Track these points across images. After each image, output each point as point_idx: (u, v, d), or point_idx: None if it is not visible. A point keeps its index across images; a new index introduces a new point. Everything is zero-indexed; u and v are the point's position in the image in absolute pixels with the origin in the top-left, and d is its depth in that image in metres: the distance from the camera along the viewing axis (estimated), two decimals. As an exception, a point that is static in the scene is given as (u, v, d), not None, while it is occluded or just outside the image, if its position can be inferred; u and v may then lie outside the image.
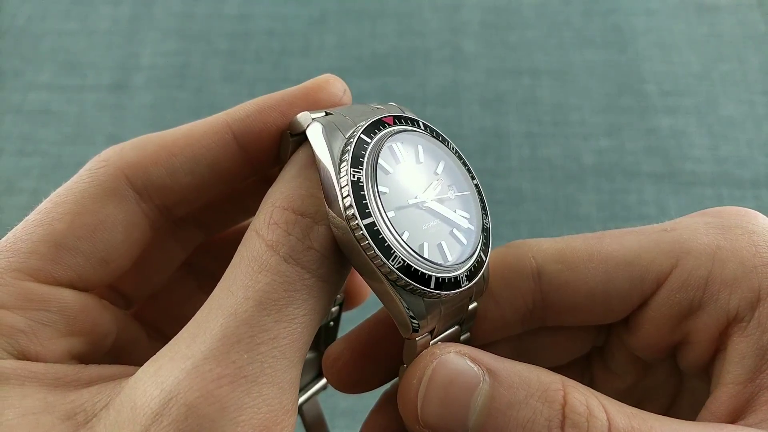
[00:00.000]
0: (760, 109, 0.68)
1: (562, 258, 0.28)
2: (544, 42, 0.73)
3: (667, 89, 0.69)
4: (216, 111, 0.28)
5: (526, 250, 0.28)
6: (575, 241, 0.28)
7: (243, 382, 0.20)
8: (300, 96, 0.27)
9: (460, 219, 0.26)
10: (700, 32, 0.74)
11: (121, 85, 0.71)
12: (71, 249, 0.24)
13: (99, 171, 0.25)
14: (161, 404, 0.20)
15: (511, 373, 0.23)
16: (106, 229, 0.25)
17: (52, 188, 0.71)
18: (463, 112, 0.68)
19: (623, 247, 0.27)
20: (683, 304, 0.26)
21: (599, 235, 0.28)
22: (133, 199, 0.26)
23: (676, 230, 0.27)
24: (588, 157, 0.65)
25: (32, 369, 0.22)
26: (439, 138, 0.27)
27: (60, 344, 0.24)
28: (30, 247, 0.24)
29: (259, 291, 0.22)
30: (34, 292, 0.24)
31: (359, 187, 0.23)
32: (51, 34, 0.75)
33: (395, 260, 0.23)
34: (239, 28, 0.75)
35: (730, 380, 0.25)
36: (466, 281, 0.25)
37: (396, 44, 0.73)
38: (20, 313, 0.23)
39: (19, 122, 0.68)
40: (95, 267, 0.25)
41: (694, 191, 0.63)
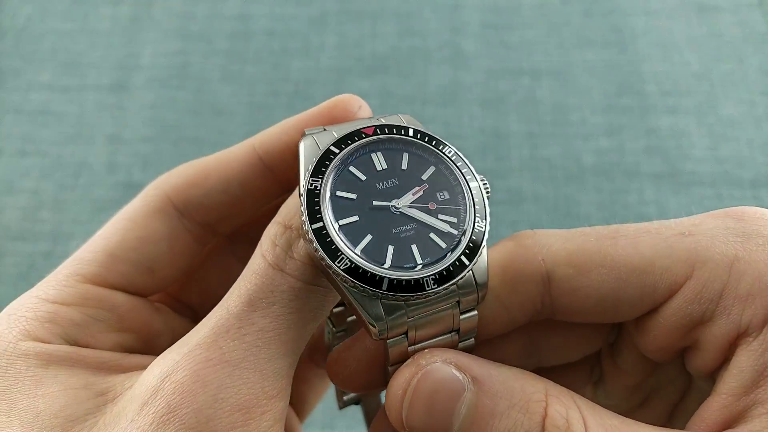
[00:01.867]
0: (760, 109, 0.68)
1: (574, 262, 0.27)
2: (544, 42, 0.73)
3: (667, 89, 0.69)
4: (216, 111, 0.30)
5: (536, 252, 0.27)
6: (588, 242, 0.27)
7: (226, 365, 0.24)
8: (317, 116, 0.30)
9: (441, 224, 0.26)
10: (700, 32, 0.74)
11: (121, 85, 0.71)
12: (122, 258, 0.29)
13: (149, 193, 0.30)
14: (159, 382, 0.24)
15: (496, 382, 0.24)
16: (152, 241, 0.29)
17: (52, 188, 0.70)
18: (463, 112, 0.68)
19: (637, 252, 0.26)
20: (694, 314, 0.26)
21: (614, 234, 0.27)
22: (176, 216, 0.30)
23: (694, 235, 0.26)
24: (588, 157, 0.65)
25: (82, 354, 0.27)
26: (433, 143, 0.28)
27: (110, 338, 0.29)
28: (91, 257, 0.29)
29: (249, 291, 0.25)
30: (90, 293, 0.28)
31: (314, 194, 0.26)
32: (51, 34, 0.75)
33: (341, 262, 0.25)
34: (239, 28, 0.75)
35: (725, 391, 0.25)
36: (433, 284, 0.25)
37: (396, 44, 0.73)
38: (77, 309, 0.28)
39: (19, 122, 0.68)
40: (142, 274, 0.29)
41: (694, 191, 0.63)
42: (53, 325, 0.27)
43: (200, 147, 0.66)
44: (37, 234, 0.61)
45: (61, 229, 0.62)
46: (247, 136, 0.32)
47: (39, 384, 0.25)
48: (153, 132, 0.67)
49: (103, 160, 0.66)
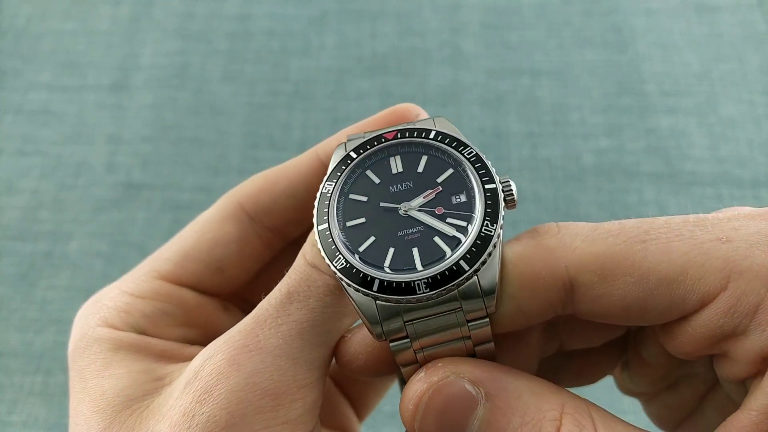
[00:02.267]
0: (760, 108, 0.68)
1: (599, 269, 0.25)
2: (544, 42, 0.73)
3: (667, 89, 0.69)
4: (216, 111, 0.31)
5: (559, 256, 0.25)
6: (616, 246, 0.25)
7: (260, 352, 0.26)
8: (374, 124, 0.31)
9: (447, 227, 0.26)
10: (700, 32, 0.74)
11: (121, 85, 0.71)
12: (194, 259, 0.31)
13: (223, 201, 0.32)
14: (200, 364, 0.26)
15: (511, 397, 0.24)
16: (222, 244, 0.32)
17: (52, 188, 0.71)
18: (463, 112, 0.68)
19: (668, 260, 0.24)
20: (726, 327, 0.24)
21: (644, 237, 0.25)
22: (247, 221, 0.32)
23: (732, 242, 0.24)
24: (588, 157, 0.65)
25: (147, 342, 0.30)
26: (453, 144, 0.28)
27: (176, 331, 0.31)
28: (167, 256, 0.32)
29: (288, 285, 0.27)
30: (163, 289, 0.31)
31: (326, 197, 0.27)
32: (51, 34, 0.75)
33: (338, 261, 0.26)
34: (239, 28, 0.75)
35: (755, 407, 0.24)
36: (425, 288, 0.25)
37: (396, 44, 0.73)
38: (149, 302, 0.31)
39: (19, 122, 0.68)
40: (212, 274, 0.32)
41: (694, 191, 0.63)
42: (126, 314, 0.30)
43: (200, 147, 0.66)
44: (37, 234, 0.61)
45: (61, 229, 0.62)
46: (247, 136, 0.32)
47: (107, 366, 0.29)
48: (153, 132, 0.67)
49: (103, 160, 0.66)
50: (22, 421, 0.52)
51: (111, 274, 0.59)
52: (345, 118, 0.68)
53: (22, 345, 0.56)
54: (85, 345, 0.29)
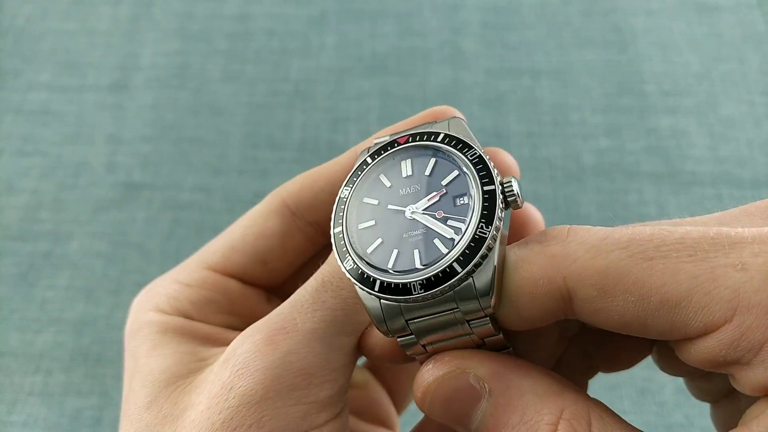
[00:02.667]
0: (760, 108, 0.68)
1: (599, 284, 0.24)
2: (544, 42, 0.73)
3: (667, 89, 0.69)
4: (216, 111, 0.32)
5: (560, 266, 0.24)
6: (620, 261, 0.23)
7: (296, 334, 0.27)
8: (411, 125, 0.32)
9: (446, 229, 0.26)
10: (700, 32, 0.74)
11: (121, 85, 0.71)
12: (240, 251, 0.33)
13: (268, 199, 0.34)
14: (240, 341, 0.28)
15: (513, 396, 0.25)
16: (266, 237, 0.33)
17: (52, 188, 0.71)
18: (463, 112, 0.67)
19: (674, 282, 0.23)
20: (729, 358, 0.23)
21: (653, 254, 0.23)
22: (289, 216, 0.34)
23: (747, 271, 0.22)
24: (588, 157, 0.65)
25: (193, 326, 0.32)
26: (459, 146, 0.28)
27: (219, 318, 0.33)
28: (215, 248, 0.34)
29: (323, 275, 0.29)
30: (209, 278, 0.33)
31: (342, 201, 0.28)
32: (51, 34, 0.75)
33: (348, 263, 0.27)
34: (239, 28, 0.75)
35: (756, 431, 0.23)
36: (420, 289, 0.25)
37: (396, 44, 0.73)
38: (196, 290, 0.33)
39: (19, 122, 0.69)
40: (256, 265, 0.34)
41: (694, 191, 0.63)
42: (175, 300, 0.33)
43: (200, 147, 0.66)
44: (37, 234, 0.61)
45: (61, 229, 0.62)
46: (247, 136, 0.33)
47: (156, 347, 0.31)
48: (153, 132, 0.67)
49: (103, 160, 0.66)
50: (22, 421, 0.52)
51: (111, 274, 0.59)
52: (345, 118, 0.68)
53: (22, 345, 0.56)
54: (137, 328, 0.32)
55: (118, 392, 0.53)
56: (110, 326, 0.56)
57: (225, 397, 0.27)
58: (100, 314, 0.57)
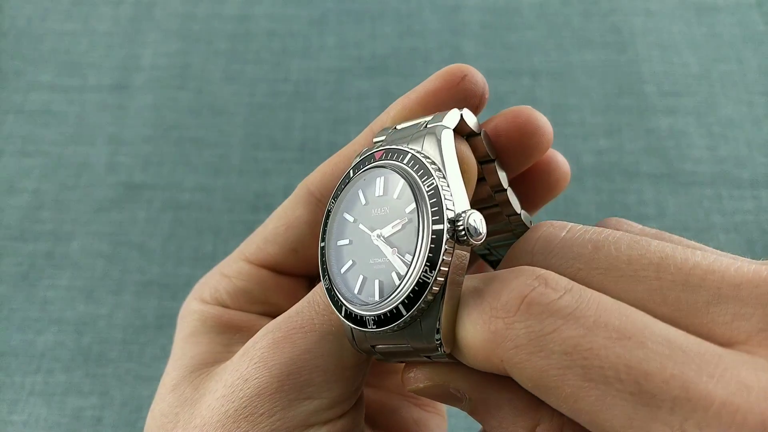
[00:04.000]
0: (760, 109, 0.68)
1: (532, 383, 0.22)
2: (544, 43, 0.73)
3: (666, 89, 0.69)
4: (216, 111, 0.31)
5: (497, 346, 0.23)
6: (558, 370, 0.21)
7: (313, 333, 0.28)
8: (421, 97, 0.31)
9: (400, 264, 0.24)
10: (700, 33, 0.74)
11: (122, 86, 0.71)
12: (272, 242, 0.35)
13: (297, 188, 0.35)
14: (260, 337, 0.29)
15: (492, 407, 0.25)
16: (296, 226, 0.34)
17: (53, 188, 0.70)
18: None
19: (609, 417, 0.20)
20: None
21: (590, 375, 0.20)
22: (316, 203, 0.34)
23: None
24: (587, 157, 0.65)
25: (229, 316, 0.34)
26: (420, 172, 0.25)
27: (255, 308, 0.35)
28: (252, 241, 0.35)
29: None
30: (245, 269, 0.35)
31: (328, 215, 0.28)
32: (51, 34, 0.75)
33: (325, 281, 0.27)
34: (240, 28, 0.75)
35: None
36: (373, 324, 0.25)
37: (396, 45, 0.73)
38: (233, 281, 0.35)
39: (19, 122, 0.69)
40: (287, 254, 0.35)
41: (693, 191, 0.63)
42: (215, 291, 0.35)
43: (201, 147, 0.66)
44: (38, 234, 0.62)
45: (62, 229, 0.62)
46: (247, 136, 0.32)
47: (193, 334, 0.33)
48: (154, 132, 0.68)
49: (104, 161, 0.66)
50: (23, 420, 0.53)
51: (112, 274, 0.59)
52: (345, 118, 0.68)
53: (23, 345, 0.56)
54: (183, 315, 0.35)
55: (118, 392, 0.54)
56: (111, 326, 0.57)
57: (240, 387, 0.28)
58: (101, 314, 0.57)
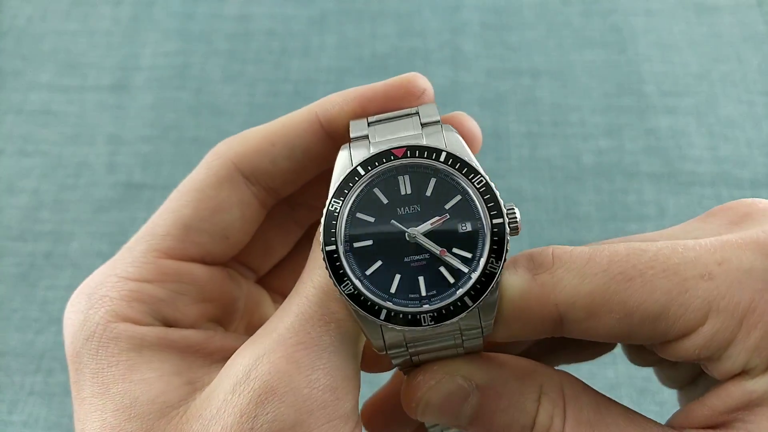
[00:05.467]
0: (760, 109, 0.68)
1: (587, 307, 0.26)
2: (544, 42, 0.73)
3: (666, 89, 0.69)
4: (216, 111, 0.31)
5: (551, 293, 0.26)
6: (603, 285, 0.26)
7: (316, 348, 0.25)
8: (380, 92, 0.30)
9: (452, 258, 0.26)
10: (700, 32, 0.74)
11: (122, 86, 0.71)
12: (197, 229, 0.30)
13: (213, 163, 0.30)
14: (251, 363, 0.25)
15: (498, 385, 0.27)
16: (223, 210, 0.30)
17: (53, 188, 0.70)
18: (463, 112, 0.68)
19: (652, 299, 0.25)
20: (702, 355, 0.26)
21: (630, 274, 0.26)
22: (244, 183, 0.30)
23: (713, 279, 0.25)
24: (587, 157, 0.65)
25: (170, 337, 0.28)
26: (464, 170, 0.26)
27: (194, 309, 0.30)
28: (164, 231, 0.30)
29: (321, 282, 0.27)
30: (170, 268, 0.29)
31: (333, 216, 0.26)
32: (51, 34, 0.75)
33: (346, 287, 0.25)
34: (239, 28, 0.75)
35: (709, 404, 0.27)
36: (430, 321, 0.25)
37: (396, 44, 0.73)
38: (160, 285, 0.29)
39: (19, 122, 0.69)
40: (218, 242, 0.30)
41: (693, 191, 0.63)
42: (141, 304, 0.28)
43: (201, 147, 0.66)
44: (38, 234, 0.62)
45: (62, 229, 0.62)
46: None
47: (133, 369, 0.27)
48: (153, 132, 0.68)
49: (104, 160, 0.66)
50: (23, 420, 0.52)
51: (111, 274, 0.59)
52: (345, 118, 0.68)
53: (23, 345, 0.56)
54: (98, 345, 0.27)
55: (118, 392, 0.54)
56: (111, 326, 0.57)
57: (249, 427, 0.24)
58: (101, 314, 0.57)
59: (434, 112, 0.29)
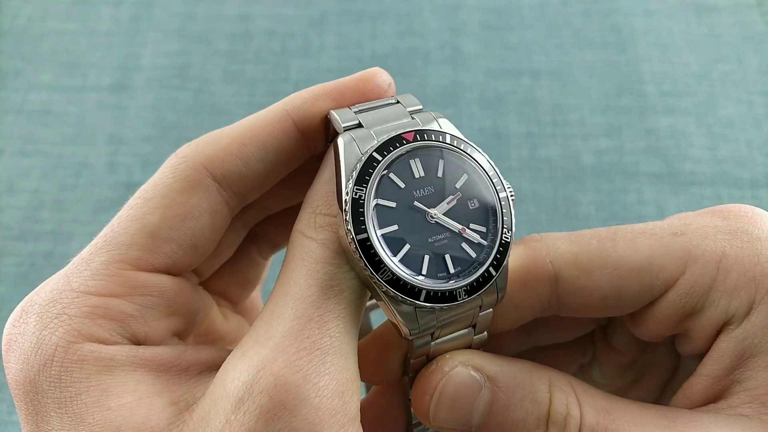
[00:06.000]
0: (759, 109, 0.68)
1: (578, 263, 0.28)
2: (544, 43, 0.73)
3: (666, 89, 0.69)
4: (216, 111, 0.30)
5: (543, 254, 0.29)
6: (590, 243, 0.29)
7: (318, 353, 0.24)
8: (351, 86, 0.29)
9: (472, 234, 0.27)
10: (699, 32, 0.74)
11: (122, 86, 0.71)
12: (165, 238, 0.27)
13: (180, 167, 0.28)
14: (251, 377, 0.23)
15: (509, 378, 0.27)
16: (193, 217, 0.28)
17: (53, 188, 0.70)
18: (462, 112, 0.68)
19: (636, 253, 0.28)
20: (687, 307, 0.28)
21: (612, 235, 0.29)
22: (215, 188, 0.28)
23: (686, 234, 0.28)
24: (587, 157, 0.65)
25: (142, 356, 0.25)
26: (467, 150, 0.28)
27: (163, 325, 0.27)
28: (129, 240, 0.27)
29: (319, 279, 0.25)
30: (137, 280, 0.26)
31: (359, 204, 0.26)
32: (52, 34, 0.75)
33: (384, 273, 0.25)
34: (239, 28, 0.75)
35: (705, 373, 0.28)
36: (465, 295, 0.26)
37: (396, 45, 0.73)
38: (128, 299, 0.26)
39: (19, 122, 0.69)
40: (187, 252, 0.28)
41: (693, 191, 0.63)
42: (107, 321, 0.25)
43: (200, 147, 0.66)
44: (38, 234, 0.62)
45: (62, 229, 0.62)
46: None
47: (108, 394, 0.24)
48: (153, 132, 0.68)
49: (104, 160, 0.66)
50: (23, 420, 0.53)
51: (112, 274, 0.59)
52: (345, 118, 0.68)
53: (23, 344, 0.56)
54: (60, 370, 0.24)
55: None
56: (111, 326, 0.57)
57: None
58: (101, 314, 0.57)
59: (416, 101, 0.30)
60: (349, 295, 0.26)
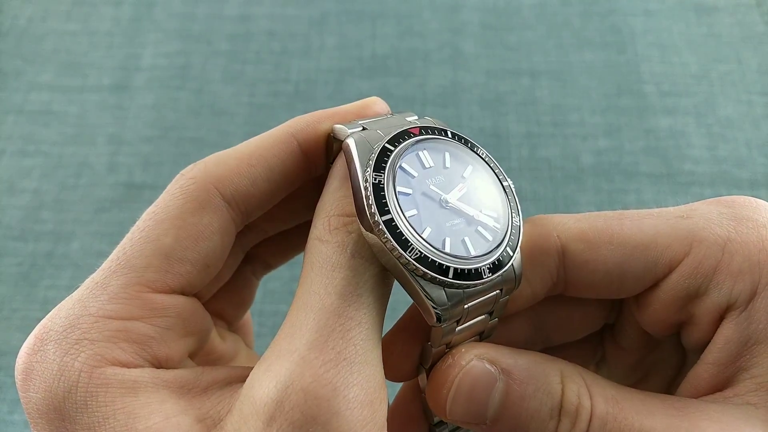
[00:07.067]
0: (759, 109, 0.68)
1: (585, 238, 0.29)
2: (544, 43, 0.73)
3: (665, 90, 0.69)
4: (217, 111, 0.30)
5: (551, 228, 0.30)
6: (597, 221, 0.30)
7: (345, 364, 0.24)
8: (351, 111, 0.31)
9: (486, 218, 0.28)
10: (699, 33, 0.74)
11: (122, 86, 0.71)
12: (180, 259, 0.27)
13: (191, 188, 0.28)
14: (280, 393, 0.23)
15: (522, 370, 0.28)
16: (206, 237, 0.28)
17: (53, 188, 0.70)
18: (462, 112, 0.68)
19: (641, 231, 0.29)
20: (691, 288, 0.28)
21: (619, 216, 0.30)
22: (224, 208, 0.29)
23: (691, 218, 0.29)
24: (587, 157, 0.65)
25: (163, 377, 0.26)
26: (468, 145, 0.30)
27: (180, 345, 0.28)
28: (144, 262, 0.27)
29: (337, 286, 0.25)
30: (155, 302, 0.27)
31: (380, 188, 0.26)
32: (52, 34, 0.75)
33: (412, 252, 0.26)
34: (240, 28, 0.75)
35: (711, 360, 0.28)
36: (489, 273, 0.27)
37: (396, 45, 0.74)
38: (148, 321, 0.26)
39: (20, 122, 0.69)
40: (200, 272, 0.28)
41: (692, 191, 0.63)
42: (130, 344, 0.25)
43: (201, 147, 0.66)
44: (38, 234, 0.62)
45: (63, 229, 0.62)
46: (248, 136, 0.32)
47: (135, 416, 0.24)
48: (154, 132, 0.68)
49: (104, 161, 0.66)
50: (24, 420, 0.53)
51: (112, 274, 0.59)
52: (345, 118, 0.68)
53: (24, 344, 0.56)
54: (87, 395, 0.24)
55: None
56: (111, 326, 0.57)
57: None
58: (102, 314, 0.57)
59: (413, 114, 0.31)
60: (368, 298, 0.26)
